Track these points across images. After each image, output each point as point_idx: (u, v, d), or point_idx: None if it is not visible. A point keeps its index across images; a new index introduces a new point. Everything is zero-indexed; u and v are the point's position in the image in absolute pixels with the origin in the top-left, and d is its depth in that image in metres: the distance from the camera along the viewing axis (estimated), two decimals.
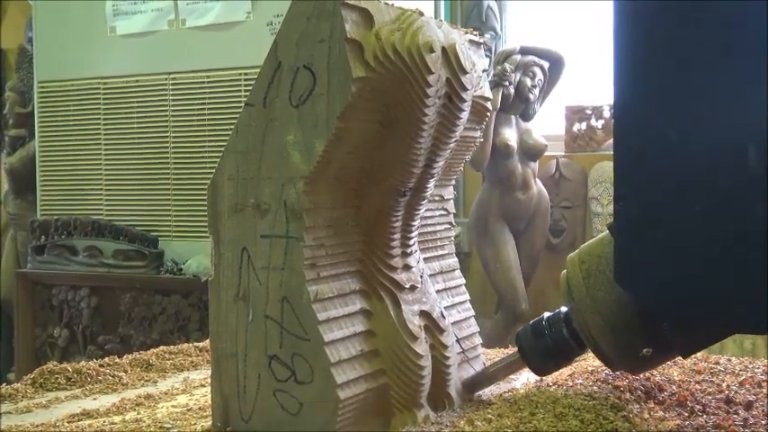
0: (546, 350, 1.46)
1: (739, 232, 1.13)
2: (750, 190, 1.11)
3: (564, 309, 1.45)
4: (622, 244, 1.24)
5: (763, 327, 1.14)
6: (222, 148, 1.41)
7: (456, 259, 1.67)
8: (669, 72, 1.17)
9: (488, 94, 1.60)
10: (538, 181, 4.38)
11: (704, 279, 1.17)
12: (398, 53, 1.31)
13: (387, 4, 1.35)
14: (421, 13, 1.38)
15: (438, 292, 1.58)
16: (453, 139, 1.46)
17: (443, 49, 1.38)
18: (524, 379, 1.71)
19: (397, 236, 1.46)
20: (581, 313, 1.38)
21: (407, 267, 1.49)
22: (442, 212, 1.64)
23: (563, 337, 1.44)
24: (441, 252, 1.65)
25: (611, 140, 4.53)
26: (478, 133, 1.63)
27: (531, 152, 4.27)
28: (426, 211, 1.55)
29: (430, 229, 1.60)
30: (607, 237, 1.37)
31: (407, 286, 1.47)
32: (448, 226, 1.66)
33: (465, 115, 1.46)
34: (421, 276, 1.52)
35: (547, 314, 1.48)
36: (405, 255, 1.49)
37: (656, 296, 1.22)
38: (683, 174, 1.16)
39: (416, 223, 1.51)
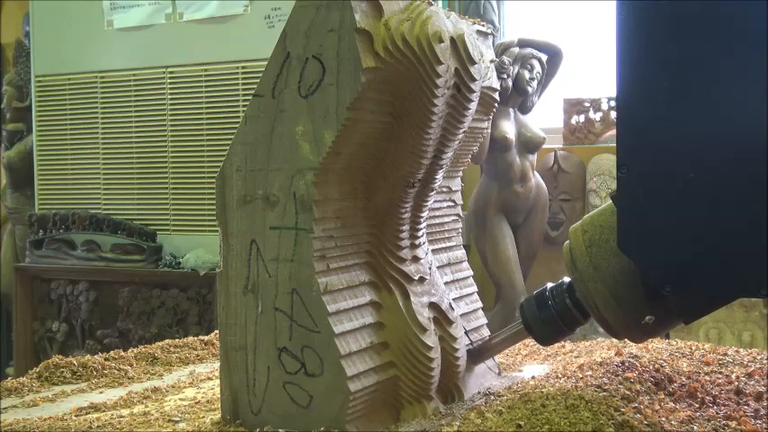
0: (550, 320, 1.46)
1: (740, 199, 1.17)
2: (750, 157, 1.15)
3: (567, 279, 1.45)
4: (625, 210, 1.26)
5: (764, 291, 1.17)
6: (220, 142, 1.40)
7: (463, 251, 1.67)
8: (671, 47, 1.21)
9: (496, 84, 1.60)
10: (536, 174, 4.36)
11: (706, 244, 1.20)
12: (408, 43, 1.30)
13: None
14: (430, 3, 1.37)
15: (446, 283, 1.57)
16: (462, 130, 1.46)
17: (452, 39, 1.37)
18: (533, 371, 1.70)
19: (406, 227, 1.46)
20: (584, 283, 1.38)
21: (416, 259, 1.48)
22: (450, 204, 1.63)
23: (566, 307, 1.44)
24: (448, 243, 1.64)
25: (610, 133, 4.50)
26: (486, 124, 1.62)
27: (529, 145, 4.25)
28: (434, 202, 1.54)
29: (438, 220, 1.60)
30: (610, 207, 1.38)
31: (416, 278, 1.46)
32: (455, 217, 1.66)
33: (473, 106, 1.46)
34: (429, 268, 1.52)
35: (550, 285, 1.48)
36: (413, 246, 1.48)
37: (658, 261, 1.24)
38: (684, 142, 1.20)
39: (425, 215, 1.50)
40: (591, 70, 4.62)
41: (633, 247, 1.26)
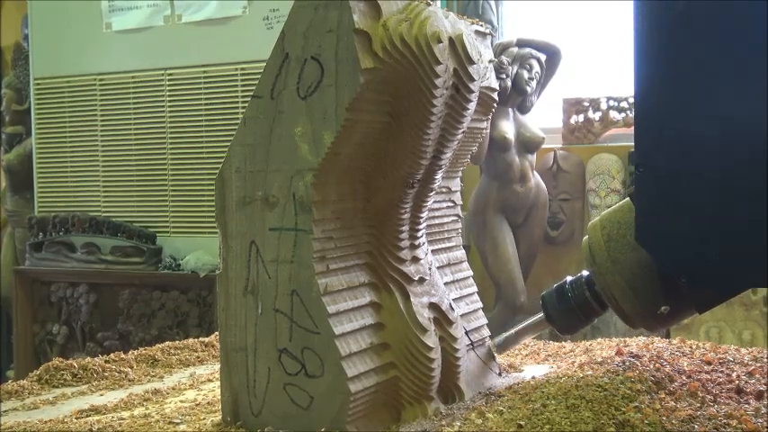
0: (570, 312, 1.57)
1: (750, 196, 1.23)
2: (761, 157, 1.21)
3: (585, 273, 1.55)
4: (642, 206, 1.34)
5: None
6: (219, 143, 1.40)
7: (463, 251, 1.67)
8: (688, 48, 1.27)
9: (495, 84, 1.59)
10: (536, 173, 4.36)
11: (718, 238, 1.27)
12: (406, 44, 1.30)
13: None
14: (428, 3, 1.37)
15: (446, 284, 1.57)
16: (461, 130, 1.46)
17: (450, 39, 1.37)
18: (533, 371, 1.70)
19: (406, 228, 1.46)
20: (603, 276, 1.47)
21: (416, 259, 1.48)
22: (449, 204, 1.63)
23: (585, 299, 1.55)
24: (448, 244, 1.64)
25: (609, 132, 4.50)
26: (485, 124, 1.62)
27: (528, 145, 4.25)
28: (434, 202, 1.54)
29: (437, 221, 1.60)
30: (627, 204, 1.47)
31: (416, 278, 1.46)
32: (455, 218, 1.66)
33: (472, 106, 1.46)
34: (429, 268, 1.51)
35: (569, 278, 1.59)
36: (413, 247, 1.48)
37: (674, 254, 1.32)
38: (698, 142, 1.27)
39: (424, 215, 1.50)
40: (590, 70, 4.61)
41: (650, 241, 1.35)
